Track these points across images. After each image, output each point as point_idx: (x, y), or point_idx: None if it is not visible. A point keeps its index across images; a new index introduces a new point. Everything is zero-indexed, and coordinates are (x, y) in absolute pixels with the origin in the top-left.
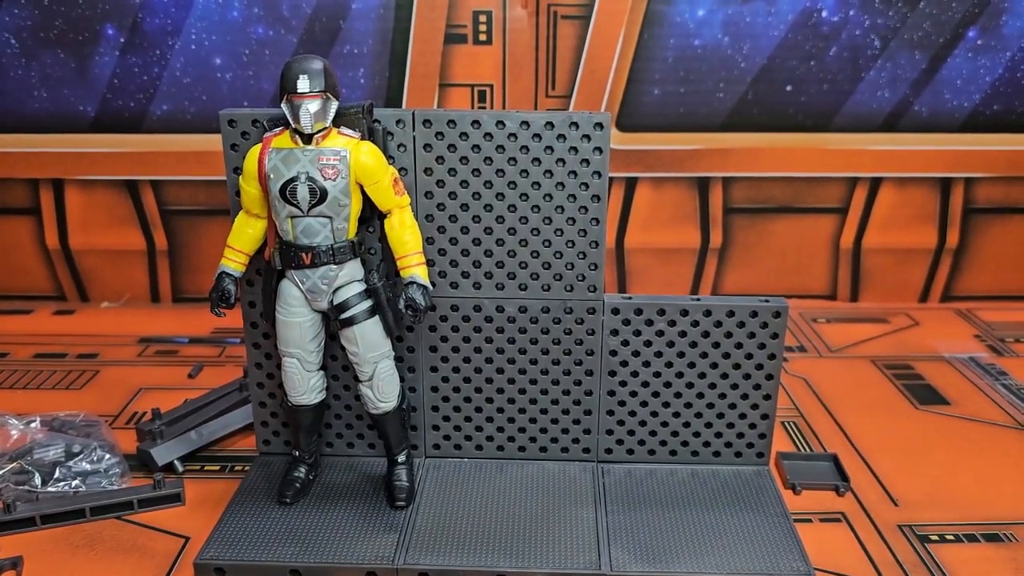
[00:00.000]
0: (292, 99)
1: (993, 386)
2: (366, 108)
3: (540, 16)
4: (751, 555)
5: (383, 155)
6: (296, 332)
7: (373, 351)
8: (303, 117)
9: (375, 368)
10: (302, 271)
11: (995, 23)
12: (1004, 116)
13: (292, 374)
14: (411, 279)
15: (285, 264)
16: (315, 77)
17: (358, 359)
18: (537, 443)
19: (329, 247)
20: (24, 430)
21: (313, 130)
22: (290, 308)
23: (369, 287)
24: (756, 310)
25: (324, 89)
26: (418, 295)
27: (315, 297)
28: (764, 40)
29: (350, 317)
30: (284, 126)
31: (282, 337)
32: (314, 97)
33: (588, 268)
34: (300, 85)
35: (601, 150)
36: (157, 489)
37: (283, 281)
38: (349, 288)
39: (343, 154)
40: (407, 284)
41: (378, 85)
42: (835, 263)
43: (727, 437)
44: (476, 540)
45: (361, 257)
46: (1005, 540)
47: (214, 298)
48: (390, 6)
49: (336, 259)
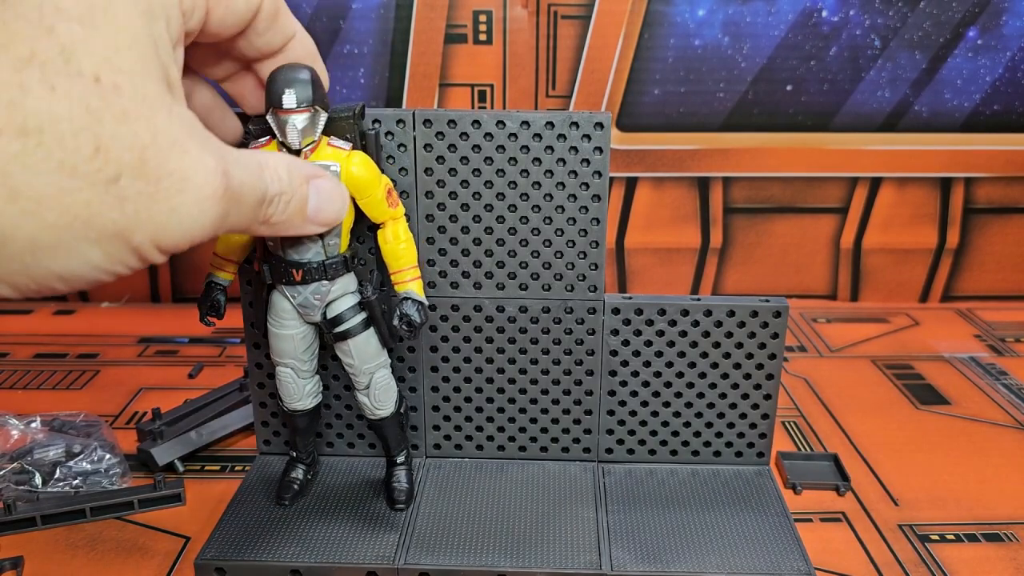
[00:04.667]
0: (279, 114)
1: (993, 386)
2: (357, 112)
3: (540, 16)
4: (752, 555)
5: (375, 165)
6: (289, 344)
7: (369, 362)
8: (291, 134)
9: (371, 378)
10: (293, 287)
11: (995, 23)
12: (1004, 116)
13: (287, 383)
14: (406, 294)
15: (276, 279)
16: (302, 91)
17: (354, 370)
18: (538, 443)
19: (320, 263)
20: (24, 430)
21: (301, 146)
22: (282, 321)
23: (363, 300)
24: (757, 310)
25: (312, 103)
26: (413, 311)
27: (307, 312)
28: (764, 40)
29: (344, 331)
30: (271, 135)
31: (275, 348)
32: (302, 112)
33: (589, 268)
34: (287, 100)
35: (601, 150)
36: (157, 489)
37: (274, 293)
38: (343, 301)
39: (334, 168)
40: (402, 300)
41: (378, 85)
42: (835, 263)
43: (728, 437)
44: (477, 540)
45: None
46: (1005, 540)
47: (203, 309)
48: (390, 6)
49: (328, 275)
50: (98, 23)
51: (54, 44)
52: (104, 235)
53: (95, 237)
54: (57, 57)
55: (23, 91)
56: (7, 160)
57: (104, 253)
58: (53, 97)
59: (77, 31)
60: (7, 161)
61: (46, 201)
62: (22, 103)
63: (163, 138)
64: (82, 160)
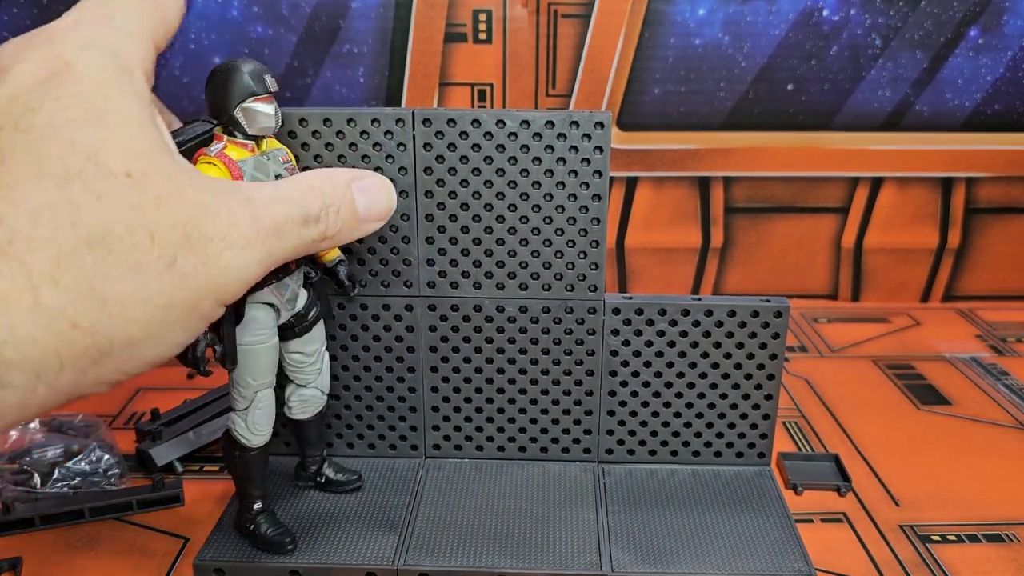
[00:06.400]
0: (259, 101)
1: (995, 386)
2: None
3: (540, 15)
4: (752, 555)
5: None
6: (272, 356)
7: (323, 342)
8: (275, 117)
9: (324, 358)
10: (281, 282)
11: (996, 22)
12: (1005, 115)
13: (268, 405)
14: (337, 260)
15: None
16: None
17: (315, 357)
18: (538, 443)
19: None
20: (23, 430)
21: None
22: (266, 331)
23: (312, 281)
24: (757, 310)
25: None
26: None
27: (290, 304)
28: (765, 39)
29: (316, 316)
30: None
31: (260, 367)
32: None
33: (589, 268)
34: (271, 83)
35: (602, 149)
36: (156, 490)
37: (248, 309)
38: (302, 292)
39: (284, 156)
40: (336, 265)
41: (378, 84)
42: (836, 263)
43: (728, 437)
44: (476, 541)
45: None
46: (1006, 540)
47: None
48: (390, 5)
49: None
50: (107, 121)
51: (80, 155)
52: (182, 314)
53: (174, 319)
54: (88, 165)
55: (76, 208)
56: (86, 274)
57: (183, 329)
58: (102, 205)
59: (94, 134)
60: (87, 275)
61: (128, 300)
62: (80, 219)
63: (195, 209)
64: (143, 254)
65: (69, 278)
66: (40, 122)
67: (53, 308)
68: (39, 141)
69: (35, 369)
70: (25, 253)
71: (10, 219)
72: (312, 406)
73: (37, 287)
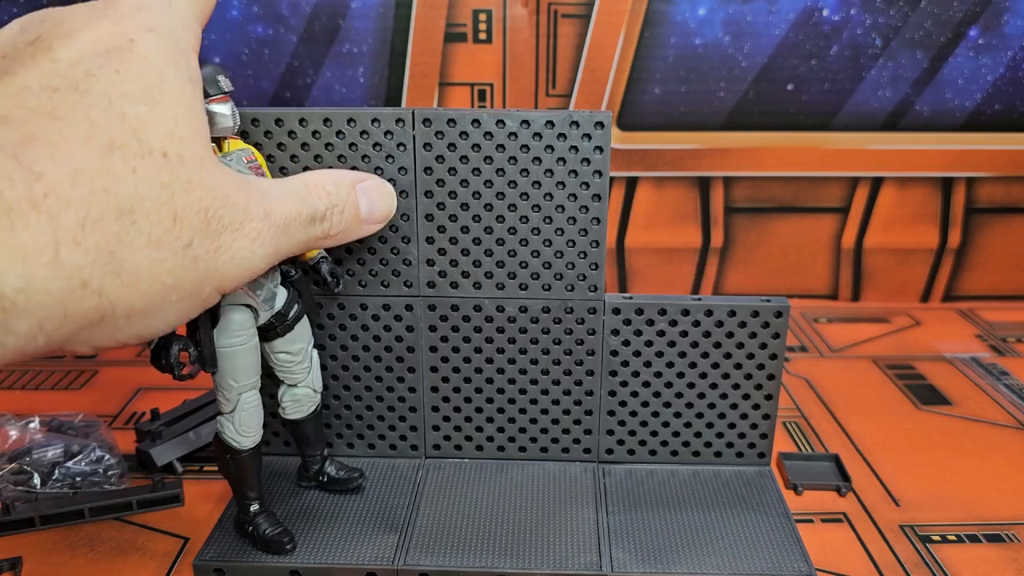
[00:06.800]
0: (215, 102)
1: (995, 386)
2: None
3: (540, 15)
4: (753, 556)
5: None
6: (253, 357)
7: (310, 340)
8: (233, 117)
9: (312, 356)
10: (255, 281)
11: (997, 22)
12: (1006, 115)
13: (254, 407)
14: (318, 257)
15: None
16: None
17: (302, 355)
18: (538, 443)
19: None
20: (23, 430)
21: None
22: (245, 333)
23: (291, 279)
24: (758, 310)
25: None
26: (329, 266)
27: (268, 305)
28: (765, 39)
29: (297, 314)
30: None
31: (241, 369)
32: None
33: (589, 268)
34: (226, 84)
35: (602, 149)
36: (156, 490)
37: (224, 311)
38: (280, 291)
39: (249, 156)
40: (319, 262)
41: (377, 84)
42: (836, 263)
43: (728, 437)
44: (476, 541)
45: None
46: (1007, 540)
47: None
48: (390, 5)
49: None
50: (158, 100)
51: (127, 129)
52: (183, 295)
53: (176, 298)
54: (132, 140)
55: (113, 177)
56: (110, 240)
57: (179, 310)
58: (136, 178)
59: (144, 112)
60: (109, 241)
61: (142, 273)
62: (114, 188)
63: (219, 196)
64: (164, 232)
65: (92, 241)
66: (98, 88)
67: (70, 266)
68: (93, 107)
69: (40, 320)
70: (56, 210)
71: (51, 175)
72: (305, 405)
73: (59, 243)
